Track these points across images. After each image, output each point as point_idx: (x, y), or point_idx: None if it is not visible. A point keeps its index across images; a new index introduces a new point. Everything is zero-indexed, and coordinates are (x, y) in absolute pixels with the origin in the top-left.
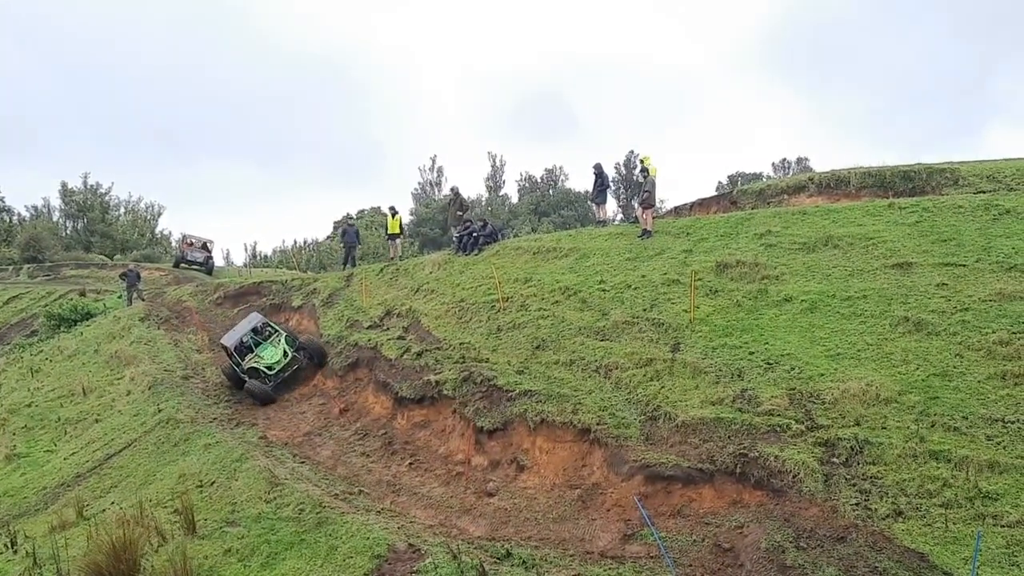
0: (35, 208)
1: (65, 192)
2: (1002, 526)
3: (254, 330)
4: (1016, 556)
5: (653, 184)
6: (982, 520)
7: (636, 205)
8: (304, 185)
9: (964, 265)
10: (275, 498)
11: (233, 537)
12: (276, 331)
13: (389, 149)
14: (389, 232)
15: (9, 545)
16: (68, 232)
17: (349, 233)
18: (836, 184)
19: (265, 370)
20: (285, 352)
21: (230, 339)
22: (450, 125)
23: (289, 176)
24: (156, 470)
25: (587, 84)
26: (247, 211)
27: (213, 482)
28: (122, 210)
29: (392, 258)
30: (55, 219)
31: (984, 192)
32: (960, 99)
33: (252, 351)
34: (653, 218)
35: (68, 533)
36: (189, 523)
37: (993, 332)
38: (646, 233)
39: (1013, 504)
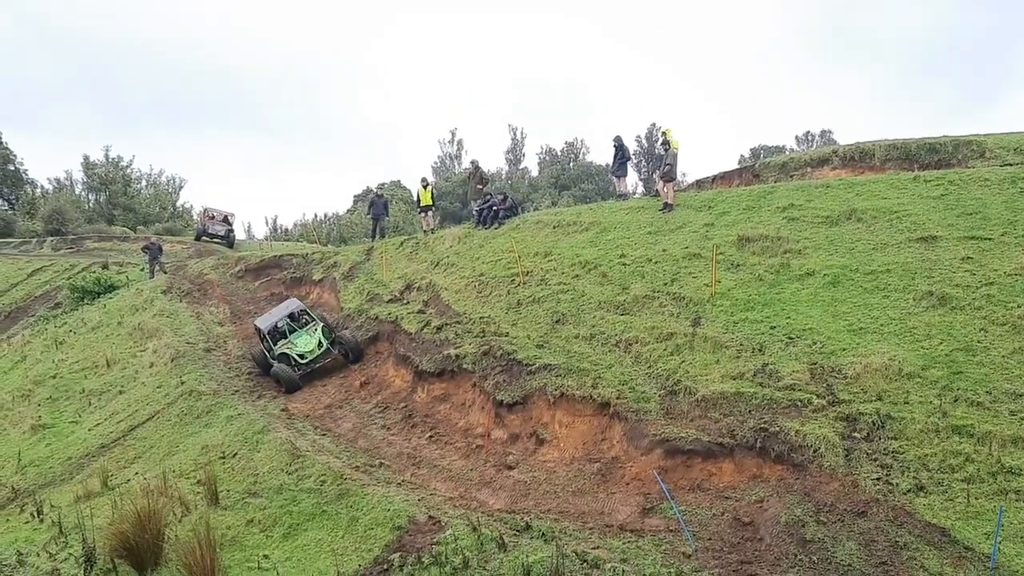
0: (58, 181)
1: (87, 165)
2: None
3: (290, 316)
4: None
5: (675, 157)
6: (1004, 495)
7: (657, 178)
8: (325, 159)
9: (989, 239)
10: (296, 470)
11: (255, 508)
12: (314, 320)
13: (408, 122)
14: (422, 204)
15: (35, 514)
16: (91, 205)
17: (377, 205)
18: (860, 157)
19: (297, 357)
20: (320, 342)
21: (265, 322)
22: (470, 97)
23: (310, 150)
24: (179, 441)
25: (609, 54)
26: (268, 185)
27: (235, 454)
28: (144, 183)
29: (426, 231)
30: (77, 192)
31: (1011, 165)
32: (977, 69)
33: (286, 337)
34: (674, 191)
35: (93, 503)
36: (212, 494)
37: (1018, 306)
38: (667, 207)
39: None
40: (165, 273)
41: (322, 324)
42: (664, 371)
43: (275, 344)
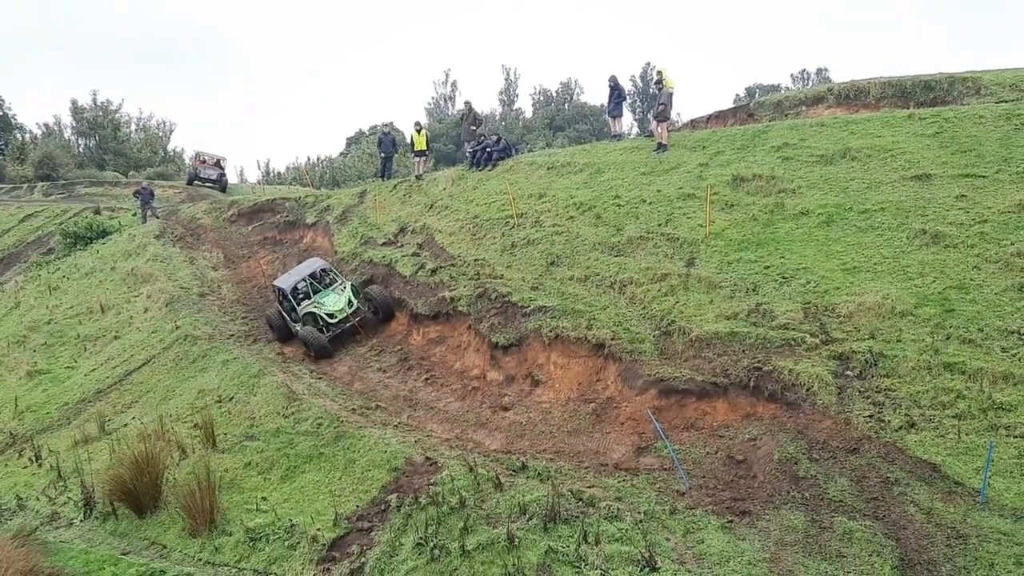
0: (46, 126)
1: (76, 109)
2: (1015, 436)
3: (312, 275)
4: None
5: (669, 97)
6: (995, 431)
7: (651, 118)
8: (318, 102)
9: (984, 176)
10: (293, 413)
11: (252, 451)
12: (340, 279)
13: (403, 64)
14: (416, 148)
15: (34, 459)
16: (81, 150)
17: (385, 142)
18: (855, 95)
19: (326, 317)
20: (350, 301)
21: (286, 282)
22: (463, 38)
23: (303, 93)
24: (175, 386)
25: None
26: (260, 128)
27: (232, 397)
28: (133, 127)
29: (417, 175)
30: (67, 137)
31: (1006, 101)
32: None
33: (309, 298)
34: (669, 131)
35: (91, 447)
36: (209, 437)
37: (1012, 244)
38: (661, 147)
39: None
40: (158, 218)
41: (350, 283)
42: (658, 312)
43: (298, 305)
